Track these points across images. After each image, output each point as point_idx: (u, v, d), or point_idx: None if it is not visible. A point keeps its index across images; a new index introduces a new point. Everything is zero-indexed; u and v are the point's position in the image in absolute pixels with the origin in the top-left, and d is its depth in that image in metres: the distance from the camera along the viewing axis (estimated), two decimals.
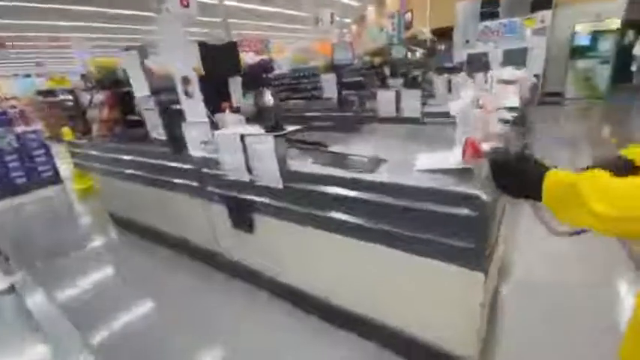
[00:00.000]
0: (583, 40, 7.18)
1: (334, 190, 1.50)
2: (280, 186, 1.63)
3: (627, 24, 6.72)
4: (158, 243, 2.99)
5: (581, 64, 7.21)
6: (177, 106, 2.06)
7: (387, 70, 5.33)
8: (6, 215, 4.29)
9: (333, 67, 4.39)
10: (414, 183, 1.26)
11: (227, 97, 2.90)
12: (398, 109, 3.37)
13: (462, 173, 1.52)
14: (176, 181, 2.31)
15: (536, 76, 5.16)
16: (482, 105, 1.46)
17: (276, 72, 5.90)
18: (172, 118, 2.05)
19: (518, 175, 0.82)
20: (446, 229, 1.18)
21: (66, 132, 4.48)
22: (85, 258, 3.04)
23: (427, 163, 1.68)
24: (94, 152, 3.26)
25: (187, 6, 2.55)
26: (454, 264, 1.21)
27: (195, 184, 2.19)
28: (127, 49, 2.26)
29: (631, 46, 6.43)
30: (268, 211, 1.81)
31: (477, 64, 7.39)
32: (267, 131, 1.63)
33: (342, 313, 1.75)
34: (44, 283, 2.69)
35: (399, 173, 1.48)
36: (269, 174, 1.65)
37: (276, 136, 1.56)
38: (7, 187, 4.66)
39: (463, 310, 1.27)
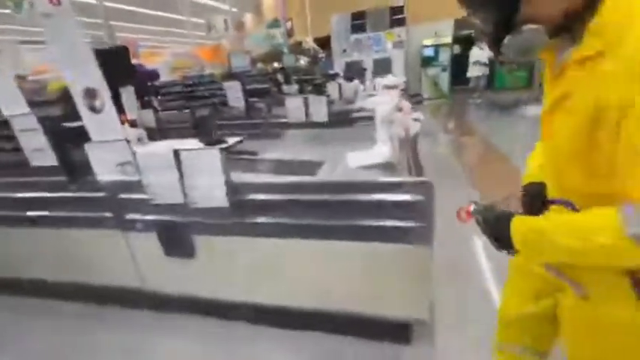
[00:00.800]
0: (429, 52, 9.02)
1: (284, 196, 1.53)
2: (225, 204, 1.56)
3: (455, 39, 8.78)
4: (55, 298, 2.36)
5: (430, 71, 9.03)
6: (71, 124, 1.71)
7: (280, 77, 5.52)
8: None
9: (232, 75, 4.28)
10: (366, 179, 1.43)
11: (120, 109, 2.53)
12: (307, 114, 3.56)
13: (390, 167, 1.79)
14: (77, 214, 1.89)
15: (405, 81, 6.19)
16: (402, 108, 1.75)
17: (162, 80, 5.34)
18: (67, 139, 1.68)
19: (495, 229, 0.77)
20: (398, 214, 1.38)
21: None
22: None
23: (358, 161, 1.90)
24: None
25: (59, 4, 2.13)
26: (407, 244, 1.42)
27: (107, 214, 1.84)
28: None
29: (462, 56, 8.42)
30: (214, 229, 1.69)
31: (354, 71, 8.39)
32: (206, 145, 1.53)
33: (304, 315, 1.80)
34: None
35: (342, 172, 1.63)
36: (212, 191, 1.55)
37: (221, 150, 1.49)
38: None
39: (417, 282, 1.50)
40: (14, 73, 1.79)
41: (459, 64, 8.42)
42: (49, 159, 1.75)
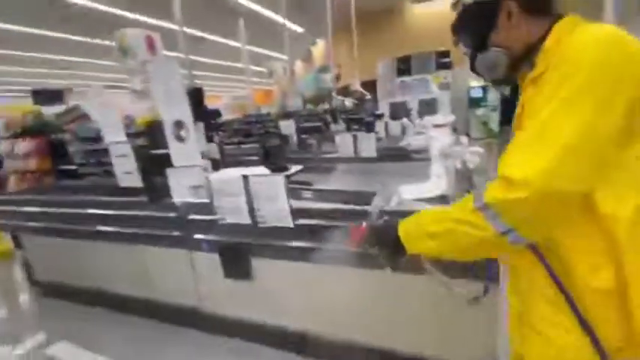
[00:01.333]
0: (477, 93, 8.99)
1: (343, 223, 1.57)
2: (290, 224, 1.64)
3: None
4: (115, 308, 2.55)
5: (479, 111, 8.92)
6: (158, 151, 1.96)
7: (329, 117, 5.82)
8: None
9: (286, 114, 4.64)
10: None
11: None
12: (356, 150, 3.67)
13: (445, 200, 1.77)
14: (151, 232, 2.10)
15: None
16: (461, 142, 1.77)
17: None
18: (154, 164, 1.93)
19: (384, 232, 0.87)
20: None
21: None
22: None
23: (412, 194, 1.91)
24: (23, 208, 2.74)
25: (155, 54, 2.54)
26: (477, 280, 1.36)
27: (176, 233, 2.02)
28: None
29: (510, 97, 8.28)
30: (272, 253, 1.77)
31: (399, 111, 8.53)
32: (272, 171, 1.67)
33: (358, 350, 1.74)
34: None
35: (399, 202, 1.64)
36: (277, 214, 1.65)
37: (286, 177, 1.61)
38: None
39: (486, 324, 1.41)
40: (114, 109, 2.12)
41: (508, 104, 8.24)
42: (136, 181, 2.00)
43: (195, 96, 3.01)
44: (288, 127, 4.10)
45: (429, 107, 8.78)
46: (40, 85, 9.54)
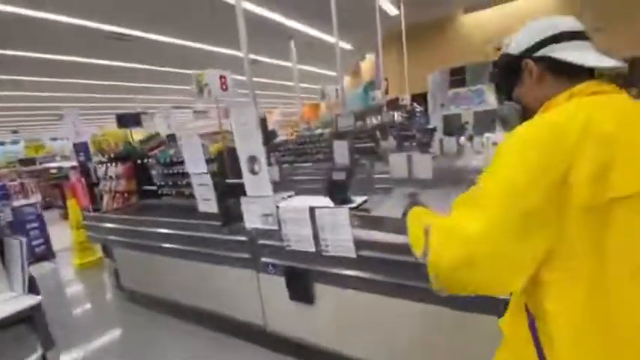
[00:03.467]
0: None
1: (408, 258, 1.60)
2: (353, 255, 1.71)
3: None
4: (187, 319, 2.83)
5: None
6: (232, 181, 2.17)
7: (378, 133, 5.80)
8: None
9: (338, 134, 4.76)
10: None
11: None
12: (410, 171, 3.63)
13: None
14: (222, 253, 2.31)
15: None
16: None
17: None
18: (230, 193, 2.14)
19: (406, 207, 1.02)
20: None
21: (72, 205, 4.35)
22: (111, 343, 2.78)
23: None
24: (114, 225, 3.18)
25: (227, 89, 2.81)
26: None
27: (246, 255, 2.20)
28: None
29: None
30: (334, 280, 1.85)
31: (453, 125, 8.20)
32: (336, 204, 1.76)
33: None
34: None
35: None
36: (341, 244, 1.74)
37: (350, 209, 1.69)
38: None
39: None
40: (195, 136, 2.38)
41: None
42: (213, 207, 2.24)
43: (262, 125, 3.27)
44: (341, 147, 4.21)
45: (485, 120, 8.34)
46: (119, 109, 10.97)
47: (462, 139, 4.29)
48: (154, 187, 3.54)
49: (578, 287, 0.63)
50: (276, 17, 6.71)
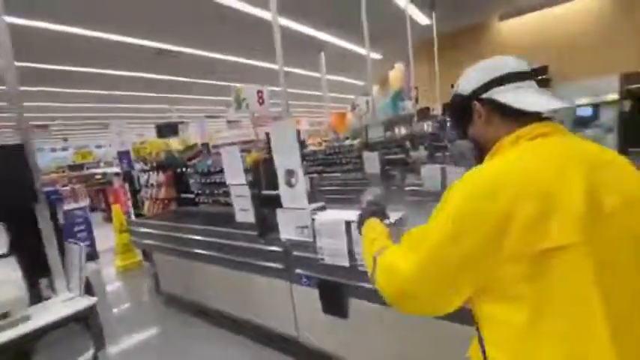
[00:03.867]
0: (585, 112, 7.85)
1: None
2: None
3: (626, 94, 7.47)
4: (221, 325, 2.91)
5: (588, 132, 7.75)
6: (267, 192, 2.23)
7: (408, 143, 5.72)
8: None
9: (369, 145, 4.77)
10: None
11: None
12: (444, 184, 3.55)
13: None
14: (257, 262, 2.37)
15: None
16: None
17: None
18: (266, 204, 2.21)
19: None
20: None
21: (116, 210, 4.65)
22: (146, 345, 2.93)
23: None
24: (155, 231, 3.35)
25: (263, 103, 2.91)
26: None
27: (280, 266, 2.24)
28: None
29: (635, 114, 7.06)
30: (370, 296, 1.84)
31: None
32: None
33: None
34: None
35: None
36: None
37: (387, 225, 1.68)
38: None
39: None
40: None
41: (633, 123, 6.99)
42: (249, 217, 2.31)
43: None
44: (370, 158, 4.20)
45: None
46: (156, 118, 11.64)
47: None
48: (192, 195, 3.71)
49: (508, 327, 0.65)
50: (307, 30, 6.87)
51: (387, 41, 8.19)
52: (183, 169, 3.85)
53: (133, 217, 4.14)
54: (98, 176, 9.87)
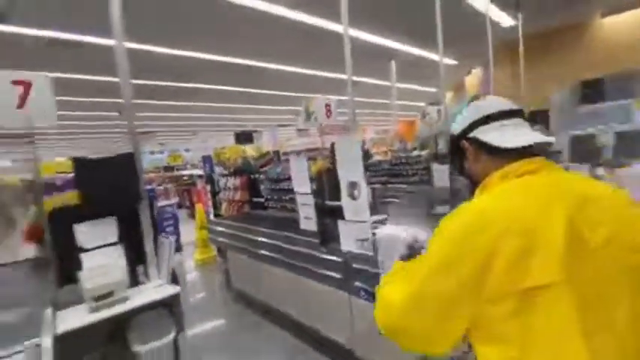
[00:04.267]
0: None
1: None
2: None
3: None
4: (280, 325, 3.06)
5: None
6: (330, 203, 2.29)
7: None
8: None
9: (438, 156, 4.55)
10: None
11: None
12: None
13: None
14: (318, 270, 2.44)
15: None
16: None
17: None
18: (329, 214, 2.27)
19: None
20: None
21: (199, 208, 5.24)
22: (208, 335, 3.23)
23: None
24: (230, 230, 3.68)
25: (330, 116, 2.99)
26: None
27: (339, 276, 2.28)
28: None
29: None
30: None
31: (584, 147, 6.81)
32: None
33: None
34: None
35: None
36: None
37: None
38: None
39: None
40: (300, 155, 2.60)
41: None
42: (313, 225, 2.40)
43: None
44: (440, 171, 3.99)
45: (632, 142, 6.69)
46: (232, 126, 12.80)
47: (601, 169, 3.52)
48: (262, 200, 3.99)
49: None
50: (377, 40, 6.85)
51: (463, 45, 7.71)
52: (256, 175, 4.17)
53: (212, 216, 4.62)
54: (185, 177, 11.24)
